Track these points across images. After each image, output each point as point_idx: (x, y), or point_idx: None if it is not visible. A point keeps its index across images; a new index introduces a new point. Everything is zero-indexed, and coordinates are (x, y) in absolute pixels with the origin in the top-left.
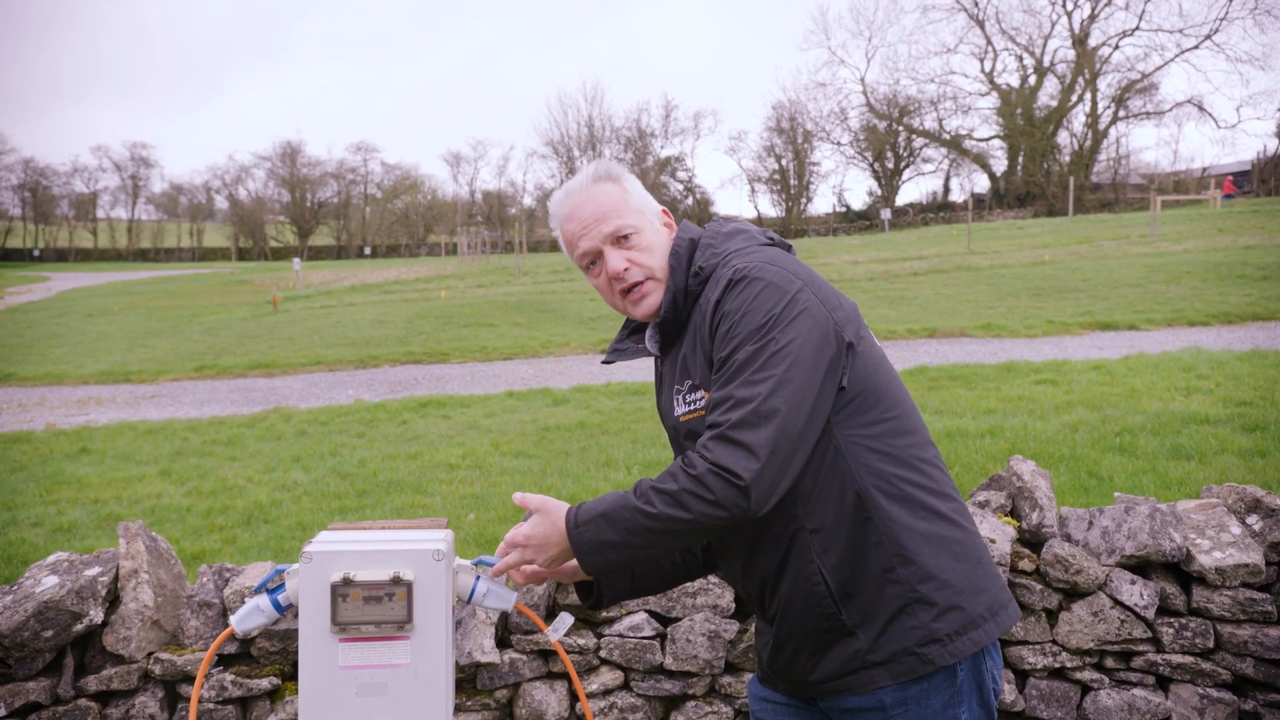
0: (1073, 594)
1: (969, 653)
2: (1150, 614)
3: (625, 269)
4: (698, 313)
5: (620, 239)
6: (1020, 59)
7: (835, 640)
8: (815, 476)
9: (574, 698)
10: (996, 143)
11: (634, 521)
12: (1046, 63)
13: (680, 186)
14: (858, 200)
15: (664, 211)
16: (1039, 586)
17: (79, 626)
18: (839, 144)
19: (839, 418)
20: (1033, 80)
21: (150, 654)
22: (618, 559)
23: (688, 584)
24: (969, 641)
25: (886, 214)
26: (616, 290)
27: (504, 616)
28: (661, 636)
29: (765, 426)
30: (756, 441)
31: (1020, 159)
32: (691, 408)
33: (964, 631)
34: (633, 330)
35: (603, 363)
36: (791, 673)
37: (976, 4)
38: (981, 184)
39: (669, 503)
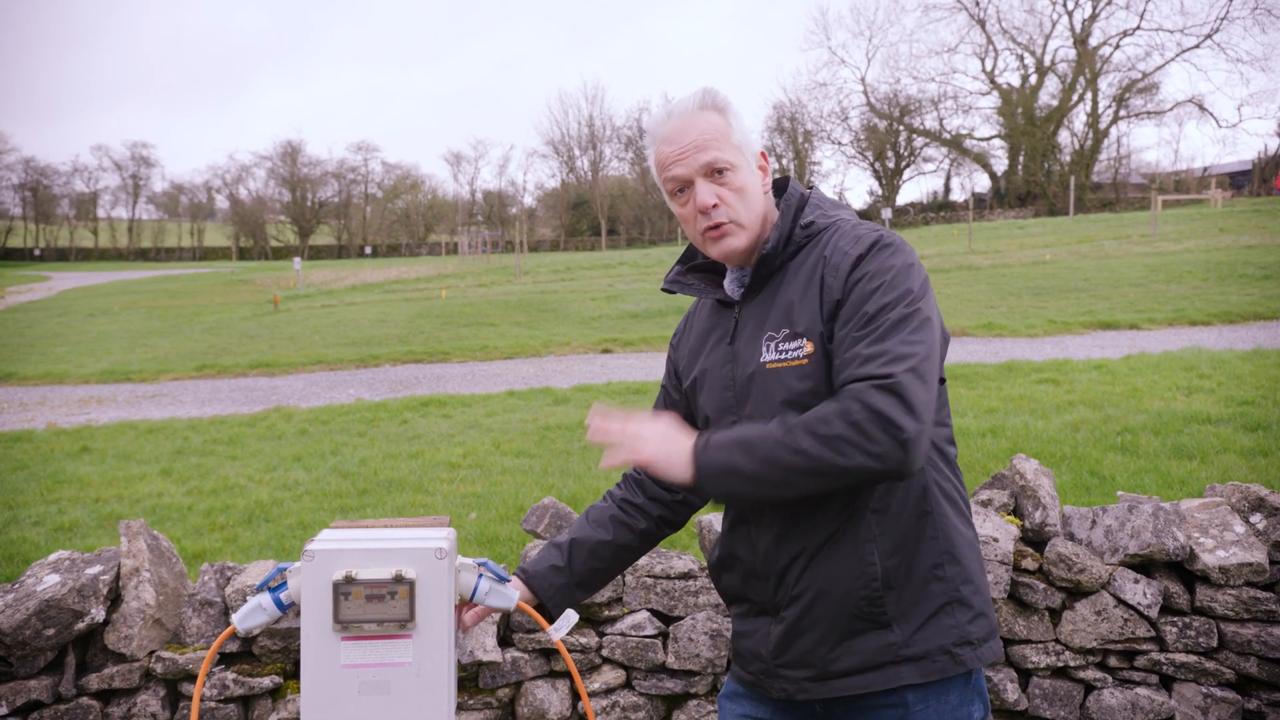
0: (1076, 593)
1: (990, 660)
2: (1153, 613)
3: (714, 205)
4: (813, 262)
5: (715, 172)
6: (1021, 58)
7: (865, 630)
8: None
9: (576, 696)
10: (997, 142)
11: (775, 453)
12: (1047, 62)
13: None
14: (858, 199)
15: (762, 155)
16: (1042, 585)
17: (80, 625)
18: (840, 143)
19: None
20: (1033, 80)
21: (152, 652)
22: (744, 491)
23: (690, 583)
24: (990, 650)
25: (887, 213)
26: (700, 224)
27: (506, 615)
28: (664, 635)
29: (923, 388)
30: (917, 401)
31: (1021, 158)
32: (783, 356)
33: (988, 639)
34: (691, 268)
35: (662, 289)
36: (809, 664)
37: (977, 3)
38: (982, 183)
39: (822, 445)
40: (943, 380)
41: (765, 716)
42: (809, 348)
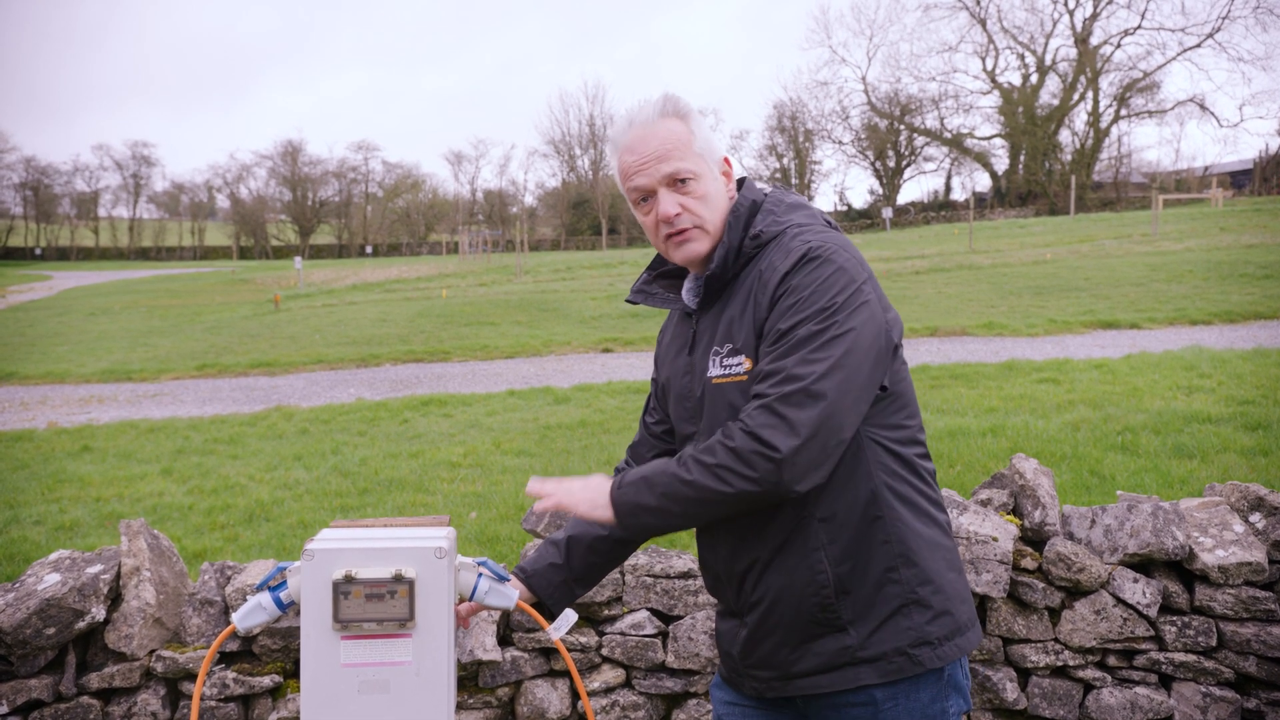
0: (1075, 592)
1: (955, 658)
2: (1153, 612)
3: (677, 214)
4: (753, 277)
5: (677, 182)
6: (1022, 57)
7: (823, 634)
8: (835, 467)
9: (575, 695)
10: (998, 141)
11: (671, 487)
12: (1048, 61)
13: None
14: (859, 199)
15: (725, 160)
16: (1041, 585)
17: (81, 624)
18: (840, 143)
19: (867, 415)
20: (1034, 79)
21: (152, 652)
22: (653, 523)
23: (690, 582)
24: (955, 648)
25: (888, 213)
26: (662, 232)
27: (506, 614)
28: (663, 634)
29: (811, 406)
30: (799, 419)
31: (1022, 157)
32: (727, 371)
33: (952, 637)
34: (659, 274)
35: (626, 300)
36: (772, 665)
37: (978, 2)
38: (983, 183)
39: (706, 474)
40: (884, 387)
41: (749, 704)
42: (747, 364)
